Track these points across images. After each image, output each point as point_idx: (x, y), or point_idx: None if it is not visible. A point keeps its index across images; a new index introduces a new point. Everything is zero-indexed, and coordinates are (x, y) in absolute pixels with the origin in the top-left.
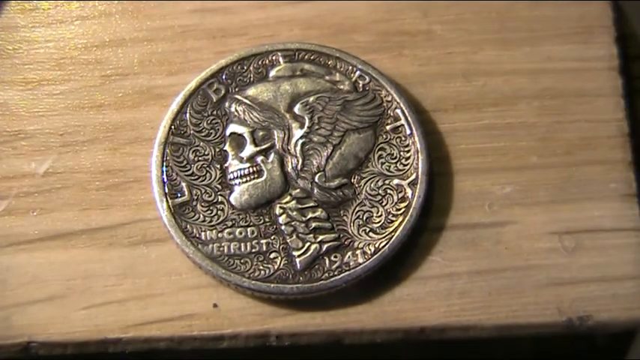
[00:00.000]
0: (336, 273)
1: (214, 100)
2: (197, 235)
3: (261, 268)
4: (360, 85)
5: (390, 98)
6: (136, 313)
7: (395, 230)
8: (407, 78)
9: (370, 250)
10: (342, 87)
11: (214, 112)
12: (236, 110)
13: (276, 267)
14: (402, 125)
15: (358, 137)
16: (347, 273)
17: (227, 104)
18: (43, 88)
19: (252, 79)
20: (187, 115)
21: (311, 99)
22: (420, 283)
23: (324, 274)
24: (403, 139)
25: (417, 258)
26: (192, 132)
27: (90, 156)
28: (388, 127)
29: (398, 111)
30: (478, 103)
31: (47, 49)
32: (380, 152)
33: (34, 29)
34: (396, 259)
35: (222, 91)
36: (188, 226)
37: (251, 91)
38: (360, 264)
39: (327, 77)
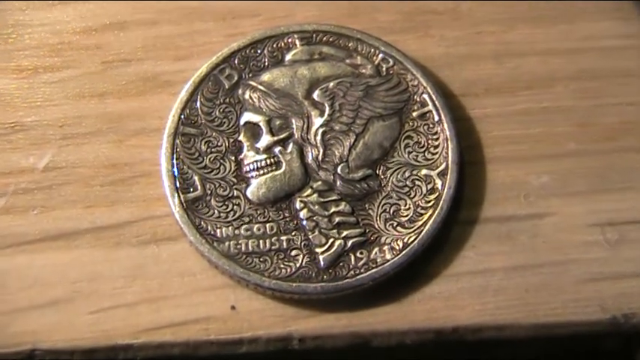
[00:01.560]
0: (362, 270)
1: (226, 87)
2: (212, 233)
3: (282, 266)
4: (384, 69)
5: (415, 82)
6: (148, 317)
7: (424, 224)
8: (433, 60)
9: (398, 245)
10: (363, 71)
11: (227, 100)
12: (250, 97)
13: (297, 265)
14: (430, 111)
15: (383, 125)
16: (374, 270)
17: (240, 91)
18: (39, 76)
19: (266, 63)
20: (198, 103)
21: (331, 84)
22: (451, 280)
23: (350, 271)
24: (431, 126)
25: (448, 253)
26: (203, 121)
27: (93, 149)
28: (415, 114)
29: (425, 96)
30: (511, 86)
31: (43, 33)
32: (406, 141)
33: (27, 12)
34: (425, 254)
35: (235, 77)
36: (202, 223)
37: (266, 77)
38: (388, 260)
39: (347, 61)
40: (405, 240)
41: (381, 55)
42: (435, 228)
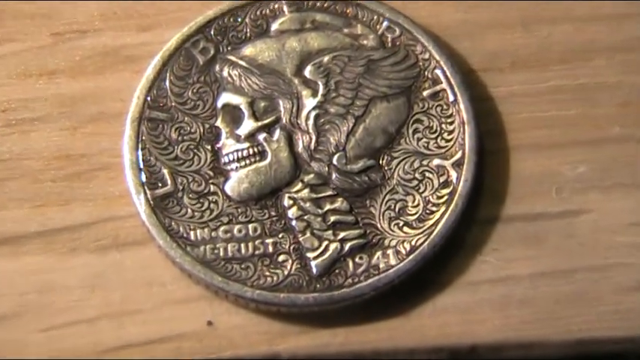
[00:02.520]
0: (362, 278)
1: (201, 63)
2: (185, 235)
3: (268, 274)
4: (389, 40)
5: (427, 56)
6: (110, 335)
7: (436, 223)
8: (449, 29)
9: (405, 248)
10: (365, 42)
11: (201, 79)
12: (229, 75)
13: (286, 272)
14: (444, 90)
15: (387, 106)
16: (376, 278)
17: (218, 68)
18: None
19: (248, 34)
20: (167, 82)
21: (325, 59)
22: (468, 290)
23: (347, 279)
24: (445, 107)
25: (464, 258)
26: (173, 104)
27: (42, 138)
28: (425, 93)
29: (438, 72)
30: (541, 59)
31: None
32: (415, 125)
33: None
34: (437, 259)
35: (211, 51)
36: (173, 224)
37: (248, 51)
38: (393, 266)
39: (345, 30)
40: (413, 242)
41: (385, 23)
42: (449, 228)
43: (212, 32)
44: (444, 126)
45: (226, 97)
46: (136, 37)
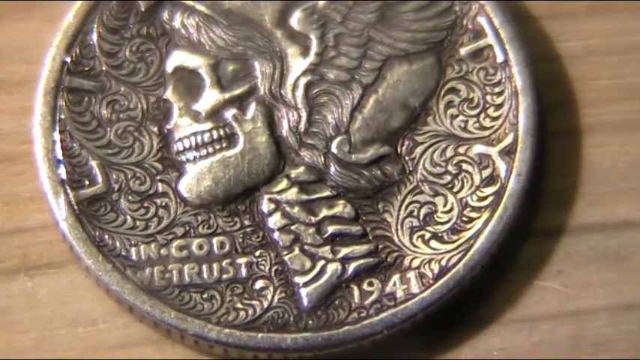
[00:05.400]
0: (371, 312)
1: (143, 8)
2: (123, 253)
3: (240, 306)
4: None
5: None
6: None
7: (476, 236)
8: None
9: (432, 271)
10: None
11: (143, 30)
12: (183, 26)
13: (266, 305)
14: (490, 46)
15: (409, 70)
16: (391, 312)
17: (166, 15)
18: None
19: None
20: (94, 35)
21: (321, 2)
22: (522, 329)
23: (351, 314)
24: (491, 71)
25: (516, 285)
26: (104, 68)
27: None
28: (463, 51)
29: (482, 19)
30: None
31: None
32: (449, 96)
33: None
34: (478, 286)
35: None
36: (106, 238)
37: None
38: (415, 295)
39: None
40: (444, 262)
41: None
42: (495, 242)
43: None
44: (489, 98)
45: (179, 58)
46: None
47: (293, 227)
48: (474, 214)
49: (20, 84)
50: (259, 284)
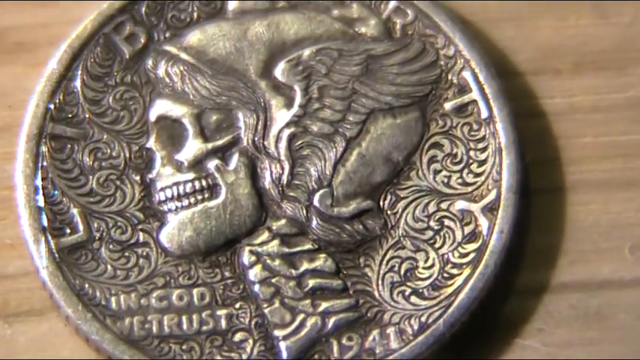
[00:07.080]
0: None
1: (127, 56)
2: (103, 303)
3: (219, 358)
4: (397, 27)
5: (452, 51)
6: None
7: (457, 292)
8: (484, 13)
9: (412, 327)
10: (363, 30)
11: (127, 79)
12: (167, 75)
13: (245, 357)
14: (474, 101)
15: (392, 124)
16: None
17: (150, 63)
18: None
19: (195, 15)
20: (78, 82)
21: (306, 53)
22: None
23: None
24: (475, 126)
25: (497, 342)
26: (87, 115)
27: None
28: (448, 106)
29: (466, 75)
30: (620, 57)
31: None
32: (432, 151)
33: None
34: (458, 343)
35: (142, 39)
36: (87, 287)
37: (194, 39)
38: (394, 351)
39: (335, 12)
40: (424, 318)
41: (392, 4)
42: (475, 299)
43: (143, 11)
44: (472, 154)
45: (163, 107)
46: (33, 16)
47: (274, 280)
48: (455, 271)
49: (3, 129)
50: (239, 336)
